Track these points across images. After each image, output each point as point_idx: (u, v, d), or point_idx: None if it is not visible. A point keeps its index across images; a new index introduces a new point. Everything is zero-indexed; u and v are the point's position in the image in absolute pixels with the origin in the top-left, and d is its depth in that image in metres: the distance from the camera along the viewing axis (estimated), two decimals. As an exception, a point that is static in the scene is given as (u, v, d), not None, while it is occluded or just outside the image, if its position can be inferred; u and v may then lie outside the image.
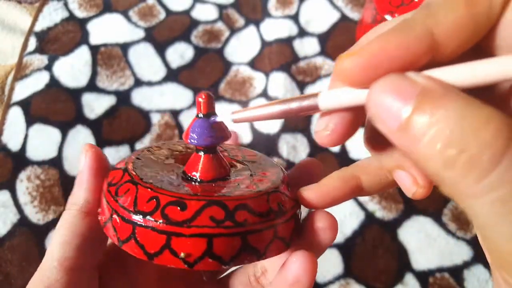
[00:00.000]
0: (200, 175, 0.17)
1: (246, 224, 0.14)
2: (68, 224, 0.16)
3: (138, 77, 0.47)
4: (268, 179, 0.16)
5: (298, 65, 0.49)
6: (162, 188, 0.15)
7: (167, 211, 0.14)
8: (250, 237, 0.14)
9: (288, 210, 0.15)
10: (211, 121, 0.16)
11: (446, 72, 0.11)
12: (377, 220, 0.40)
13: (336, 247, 0.39)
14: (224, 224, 0.13)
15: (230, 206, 0.14)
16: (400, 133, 0.11)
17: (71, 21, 0.50)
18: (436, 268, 0.38)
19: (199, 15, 0.52)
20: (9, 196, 0.39)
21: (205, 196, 0.14)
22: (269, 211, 0.15)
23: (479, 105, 0.10)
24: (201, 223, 0.13)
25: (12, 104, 0.44)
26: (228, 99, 0.46)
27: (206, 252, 0.13)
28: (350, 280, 0.37)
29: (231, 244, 0.14)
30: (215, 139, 0.16)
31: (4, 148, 0.41)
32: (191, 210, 0.14)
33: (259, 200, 0.15)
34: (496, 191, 0.09)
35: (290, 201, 0.16)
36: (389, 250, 0.39)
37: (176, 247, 0.13)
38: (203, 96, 0.16)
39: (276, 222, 0.15)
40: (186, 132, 0.16)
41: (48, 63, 0.46)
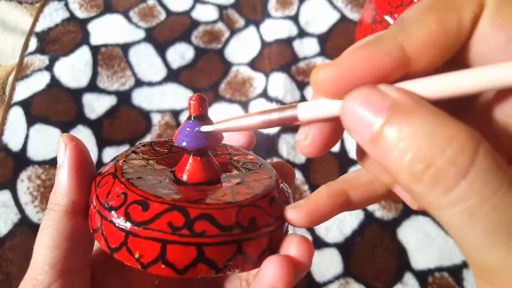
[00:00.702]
0: (187, 178, 0.16)
1: (204, 235, 0.13)
2: (55, 226, 0.16)
3: (139, 77, 0.47)
4: (252, 190, 0.15)
5: (298, 66, 0.49)
6: (135, 186, 0.14)
7: (130, 209, 0.14)
8: (206, 249, 0.13)
9: (261, 227, 0.14)
10: (195, 130, 0.16)
11: (418, 84, 0.11)
12: (377, 219, 0.40)
13: (335, 247, 0.39)
14: (180, 231, 0.13)
15: (192, 214, 0.13)
16: (372, 145, 0.11)
17: (71, 22, 0.50)
18: (435, 267, 0.38)
19: (199, 15, 0.52)
20: (10, 196, 0.39)
21: (171, 200, 0.14)
22: (235, 225, 0.14)
23: (447, 120, 0.10)
24: (158, 227, 0.13)
25: (13, 104, 0.44)
26: (228, 99, 0.46)
27: (159, 257, 0.13)
28: (349, 280, 0.37)
29: (185, 253, 0.13)
30: (204, 142, 0.16)
31: (5, 148, 0.41)
32: (152, 212, 0.13)
33: (227, 212, 0.14)
34: (462, 203, 0.10)
35: (267, 218, 0.15)
36: (388, 250, 0.39)
37: (132, 247, 0.13)
38: (194, 97, 0.15)
39: (240, 238, 0.14)
40: (176, 134, 0.16)
41: (49, 63, 0.46)
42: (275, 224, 0.15)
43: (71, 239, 0.16)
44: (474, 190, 0.10)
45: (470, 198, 0.10)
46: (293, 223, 0.15)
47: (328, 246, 0.39)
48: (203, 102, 0.16)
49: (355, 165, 0.43)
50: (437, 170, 0.10)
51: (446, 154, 0.10)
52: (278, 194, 0.16)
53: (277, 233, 0.15)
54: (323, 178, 0.42)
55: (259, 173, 0.17)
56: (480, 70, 0.11)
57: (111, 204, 0.14)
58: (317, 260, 0.38)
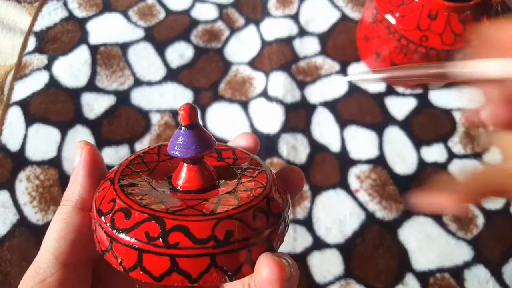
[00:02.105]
0: (181, 185, 0.17)
1: (177, 247, 0.13)
2: (64, 220, 0.17)
3: (138, 77, 0.46)
4: (238, 201, 0.15)
5: (298, 65, 0.49)
6: (124, 193, 0.15)
7: (115, 216, 0.15)
8: (180, 260, 0.13)
9: (239, 241, 0.14)
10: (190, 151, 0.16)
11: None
12: (378, 220, 0.40)
13: (336, 247, 0.39)
14: (155, 242, 0.14)
15: (168, 225, 0.14)
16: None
17: (70, 21, 0.50)
18: (437, 268, 0.38)
19: (199, 14, 0.51)
20: (9, 196, 0.39)
21: (151, 210, 0.14)
22: (209, 238, 0.14)
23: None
24: (135, 236, 0.14)
25: (11, 104, 0.43)
26: (228, 98, 0.46)
27: (137, 263, 0.14)
28: (350, 281, 0.37)
29: (160, 263, 0.14)
30: (198, 151, 0.16)
31: (3, 148, 0.41)
32: (132, 221, 0.14)
33: (203, 224, 0.14)
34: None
35: (247, 231, 0.14)
36: (389, 250, 0.39)
37: (116, 251, 0.14)
38: (183, 107, 0.15)
39: (214, 251, 0.14)
40: (168, 143, 0.16)
41: (47, 62, 0.46)
42: (257, 237, 0.15)
43: (77, 232, 0.17)
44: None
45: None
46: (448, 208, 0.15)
47: (329, 247, 0.39)
48: (192, 111, 0.16)
49: (355, 165, 0.43)
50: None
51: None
52: (267, 206, 0.16)
53: (258, 247, 0.15)
54: (323, 179, 0.42)
55: (254, 181, 0.17)
56: None
57: (102, 209, 0.15)
58: (318, 261, 0.38)
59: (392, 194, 0.41)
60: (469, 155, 0.44)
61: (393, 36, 0.42)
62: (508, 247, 0.40)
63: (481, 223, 0.41)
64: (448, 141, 0.45)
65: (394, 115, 0.46)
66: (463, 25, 0.40)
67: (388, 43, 0.43)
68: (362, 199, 0.41)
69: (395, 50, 0.43)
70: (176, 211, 0.14)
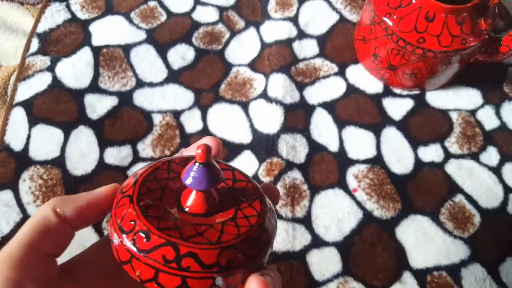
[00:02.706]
0: (189, 208, 0.19)
1: (188, 270, 0.16)
2: (40, 217, 0.18)
3: (140, 78, 0.47)
4: (237, 230, 0.18)
5: (297, 67, 0.49)
6: (144, 216, 0.17)
7: (136, 237, 0.17)
8: (189, 280, 0.16)
9: (237, 266, 0.17)
10: (201, 185, 0.18)
11: None
12: (375, 219, 0.41)
13: (334, 246, 0.39)
14: (170, 264, 0.16)
15: (182, 251, 0.16)
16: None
17: (73, 23, 0.50)
18: (434, 266, 0.39)
19: (200, 17, 0.52)
20: (12, 195, 0.39)
21: (168, 236, 0.17)
22: (214, 264, 0.17)
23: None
24: (154, 257, 0.16)
25: (15, 104, 0.44)
26: (229, 100, 0.47)
27: (153, 278, 0.17)
28: (348, 278, 0.38)
29: (172, 281, 0.16)
30: (208, 186, 0.18)
31: (7, 148, 0.41)
32: (152, 244, 0.17)
33: (210, 252, 0.17)
34: None
35: (244, 258, 0.17)
36: (387, 249, 0.39)
37: (134, 265, 0.17)
38: (202, 147, 0.18)
39: (217, 275, 0.17)
40: (183, 172, 0.19)
41: (50, 64, 0.47)
42: (251, 262, 0.18)
43: (49, 231, 0.18)
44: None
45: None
46: None
47: (327, 245, 0.39)
48: (208, 152, 0.18)
49: (353, 165, 0.43)
50: None
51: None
52: (260, 234, 0.18)
53: (251, 270, 0.18)
54: (322, 178, 0.42)
55: (250, 208, 0.20)
56: None
57: (124, 227, 0.17)
58: (317, 259, 0.38)
59: (390, 193, 0.42)
60: (466, 155, 0.45)
61: (391, 38, 0.43)
62: (505, 246, 0.40)
63: (477, 222, 0.41)
64: (444, 141, 0.46)
65: (392, 115, 0.47)
66: (460, 27, 0.40)
67: (386, 45, 0.44)
68: (360, 198, 0.42)
69: (392, 52, 0.44)
70: (188, 237, 0.17)
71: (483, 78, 0.50)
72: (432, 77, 0.45)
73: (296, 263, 0.38)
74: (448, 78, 0.47)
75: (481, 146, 0.46)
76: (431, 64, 0.43)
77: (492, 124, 0.47)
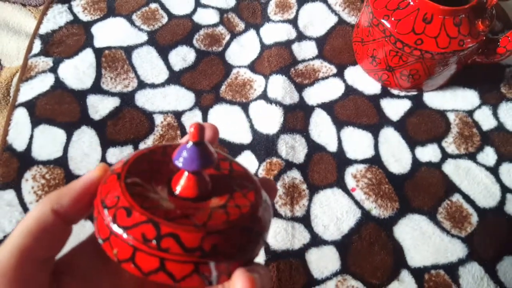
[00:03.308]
0: (179, 192, 0.18)
1: (167, 251, 0.15)
2: (35, 217, 0.17)
3: (142, 79, 0.48)
4: (227, 217, 0.17)
5: (296, 68, 0.50)
6: (128, 192, 0.16)
7: (118, 213, 0.16)
8: (168, 263, 0.15)
9: (223, 254, 0.16)
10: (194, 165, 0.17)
11: None
12: (374, 218, 0.41)
13: (333, 244, 0.40)
14: (149, 244, 0.15)
15: (163, 231, 0.15)
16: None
17: (75, 24, 0.51)
18: (431, 265, 0.39)
19: (200, 19, 0.53)
20: (15, 195, 0.40)
21: (151, 214, 0.16)
22: (197, 249, 0.15)
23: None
24: (133, 235, 0.15)
25: (17, 105, 0.45)
26: (229, 100, 0.47)
27: (130, 258, 0.16)
28: (347, 277, 0.38)
29: (150, 262, 0.15)
30: (200, 167, 0.17)
31: (9, 148, 0.42)
32: (132, 220, 0.16)
33: (193, 235, 0.15)
34: None
35: (231, 247, 0.16)
36: (385, 248, 0.40)
37: (113, 243, 0.16)
38: (194, 126, 0.17)
39: (198, 261, 0.15)
40: (174, 152, 0.18)
41: (53, 65, 0.47)
42: (239, 252, 0.16)
43: (44, 232, 0.17)
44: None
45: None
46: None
47: (326, 243, 0.40)
48: (201, 130, 0.17)
49: (352, 165, 0.44)
50: None
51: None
52: (252, 224, 0.17)
53: (237, 261, 0.16)
54: (321, 178, 0.43)
55: (244, 199, 0.18)
56: None
57: (106, 202, 0.17)
58: (315, 257, 0.39)
59: (388, 193, 0.43)
60: (463, 155, 0.45)
61: (389, 40, 0.43)
62: (502, 244, 0.41)
63: (475, 221, 0.42)
64: (442, 142, 0.46)
65: (389, 116, 0.47)
66: (458, 29, 0.41)
67: (384, 47, 0.44)
68: (358, 197, 0.42)
69: (390, 53, 0.44)
70: (172, 218, 0.16)
71: (480, 79, 0.50)
72: (429, 78, 0.46)
73: (295, 261, 0.38)
74: (446, 79, 0.48)
75: (478, 146, 0.46)
76: (428, 65, 0.44)
77: (489, 124, 0.48)
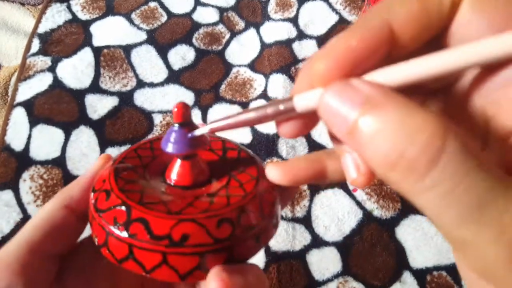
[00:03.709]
0: (174, 181, 0.17)
1: (135, 237, 0.14)
2: (46, 212, 0.17)
3: (141, 79, 0.47)
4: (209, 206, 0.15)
5: (297, 67, 0.50)
6: (114, 175, 0.16)
7: (99, 196, 0.16)
8: (136, 251, 0.14)
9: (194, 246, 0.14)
10: (190, 136, 0.16)
11: (387, 72, 0.12)
12: (375, 218, 0.41)
13: (334, 246, 0.39)
14: (118, 228, 0.14)
15: (133, 216, 0.14)
16: (348, 137, 0.12)
17: (74, 23, 0.50)
18: (434, 266, 0.39)
19: (200, 17, 0.52)
20: (12, 195, 0.39)
21: (125, 197, 0.15)
22: (165, 237, 0.14)
23: (415, 110, 0.11)
24: (106, 219, 0.15)
25: (15, 104, 0.44)
26: (229, 100, 0.47)
27: (104, 243, 0.15)
28: (348, 278, 0.38)
29: (120, 248, 0.14)
30: (190, 148, 0.16)
31: (7, 148, 0.42)
32: (109, 204, 0.15)
33: (163, 222, 0.14)
34: (435, 189, 0.10)
35: (205, 238, 0.14)
36: (387, 249, 0.39)
37: (93, 228, 0.16)
38: (177, 106, 0.16)
39: (165, 250, 0.14)
40: (162, 139, 0.17)
41: (51, 64, 0.47)
42: (215, 246, 0.14)
43: (54, 226, 0.17)
44: (446, 176, 0.10)
45: (442, 183, 0.10)
46: (273, 180, 0.16)
47: (327, 245, 0.39)
48: (186, 110, 0.16)
49: (354, 165, 0.44)
50: (409, 159, 0.10)
51: (416, 144, 0.10)
52: (237, 217, 0.15)
53: (215, 256, 0.14)
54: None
55: (236, 188, 0.17)
56: (437, 55, 0.12)
57: (95, 186, 0.16)
58: (317, 258, 0.39)
59: (389, 193, 0.42)
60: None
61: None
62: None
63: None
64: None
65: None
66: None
67: (385, 46, 0.44)
68: (359, 198, 0.42)
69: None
70: (147, 203, 0.15)
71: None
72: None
73: (296, 263, 0.38)
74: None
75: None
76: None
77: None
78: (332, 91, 0.12)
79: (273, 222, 0.17)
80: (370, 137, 0.11)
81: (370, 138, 0.11)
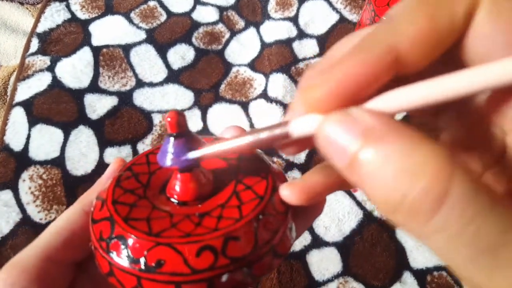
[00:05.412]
0: (178, 197, 0.15)
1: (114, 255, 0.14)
2: (65, 217, 0.17)
3: (140, 78, 0.47)
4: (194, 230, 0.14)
5: (297, 66, 0.49)
6: (114, 185, 0.15)
7: (96, 205, 0.15)
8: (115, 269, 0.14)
9: (168, 274, 0.13)
10: (182, 160, 0.14)
11: (391, 98, 0.11)
12: (375, 219, 0.41)
13: (335, 246, 0.39)
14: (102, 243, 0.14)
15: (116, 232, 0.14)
16: (348, 171, 0.11)
17: (73, 23, 0.50)
18: (434, 266, 0.39)
19: (199, 17, 0.52)
20: (12, 195, 0.39)
21: (114, 212, 0.14)
22: (139, 260, 0.13)
23: (419, 144, 0.10)
24: (95, 231, 0.14)
25: (14, 104, 0.44)
26: (229, 99, 0.47)
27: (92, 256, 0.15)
28: (348, 279, 0.38)
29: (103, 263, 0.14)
30: (189, 161, 0.15)
31: (6, 148, 0.41)
32: (100, 215, 0.15)
33: (140, 243, 0.13)
34: (442, 232, 0.10)
35: (182, 266, 0.13)
36: (387, 249, 0.39)
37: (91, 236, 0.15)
38: (170, 116, 0.14)
39: (139, 275, 0.13)
40: (158, 154, 0.15)
41: (50, 64, 0.46)
42: (193, 276, 0.13)
43: (72, 232, 0.17)
44: (453, 218, 0.09)
45: (450, 226, 0.09)
46: (289, 200, 0.15)
47: (327, 245, 0.39)
48: (180, 119, 0.14)
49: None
50: (413, 200, 0.10)
51: (420, 184, 0.09)
52: (222, 246, 0.13)
53: (192, 286, 0.13)
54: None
55: (233, 208, 0.15)
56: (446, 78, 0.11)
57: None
58: (317, 259, 0.38)
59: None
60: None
61: (391, 38, 0.43)
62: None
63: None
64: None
65: (392, 115, 0.47)
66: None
67: (386, 45, 0.44)
68: (360, 198, 0.42)
69: (392, 52, 0.44)
70: (132, 219, 0.14)
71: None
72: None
73: (296, 263, 0.38)
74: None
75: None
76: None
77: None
78: (331, 121, 0.11)
79: (272, 252, 0.14)
80: (370, 173, 0.10)
81: (371, 174, 0.10)
